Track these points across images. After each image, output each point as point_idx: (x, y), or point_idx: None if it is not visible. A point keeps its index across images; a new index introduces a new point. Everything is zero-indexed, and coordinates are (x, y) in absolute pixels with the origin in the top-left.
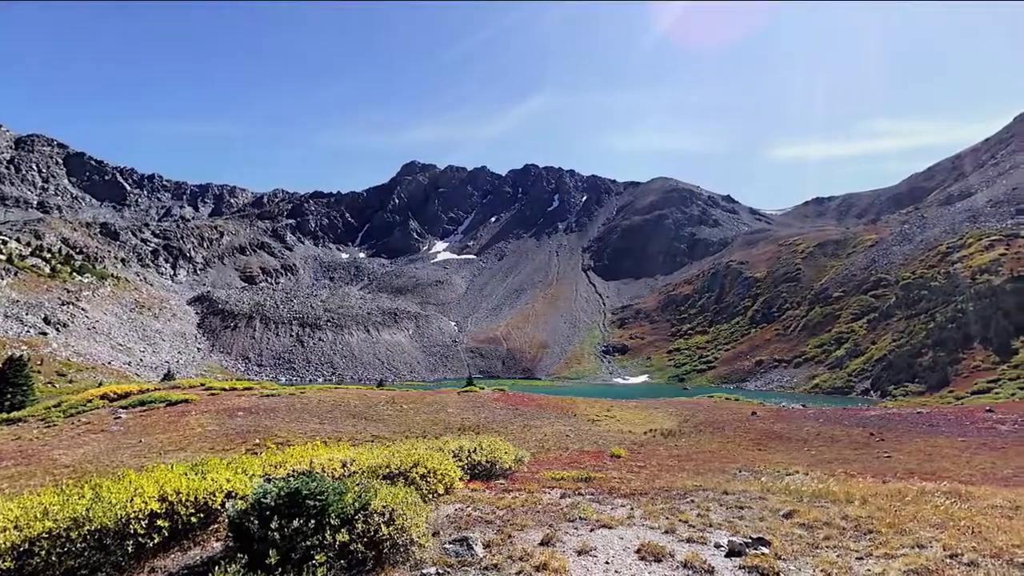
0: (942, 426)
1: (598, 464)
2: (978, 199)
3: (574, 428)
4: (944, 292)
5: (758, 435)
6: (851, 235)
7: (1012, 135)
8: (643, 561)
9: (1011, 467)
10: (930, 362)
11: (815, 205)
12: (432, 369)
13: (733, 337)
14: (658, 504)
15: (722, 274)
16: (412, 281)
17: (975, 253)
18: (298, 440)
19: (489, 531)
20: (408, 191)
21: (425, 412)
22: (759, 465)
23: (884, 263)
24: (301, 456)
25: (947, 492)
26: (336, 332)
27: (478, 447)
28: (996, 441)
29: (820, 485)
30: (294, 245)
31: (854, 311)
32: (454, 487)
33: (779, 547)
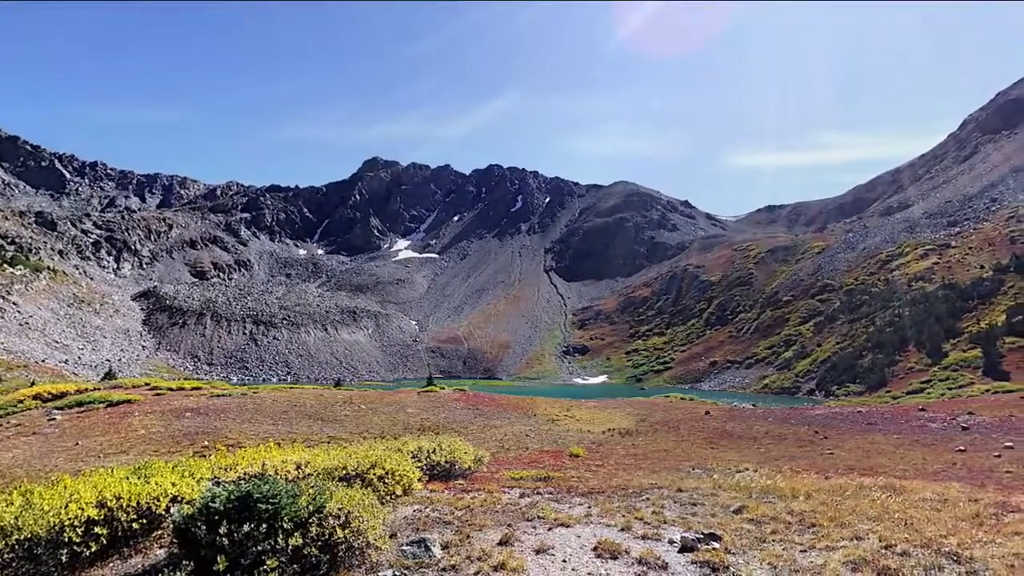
0: (879, 424)
1: (557, 463)
2: (915, 211)
3: (534, 428)
4: (883, 298)
5: (711, 434)
6: (800, 242)
7: (945, 152)
8: (600, 559)
9: (940, 462)
10: (870, 364)
11: (767, 212)
12: (392, 369)
13: (689, 339)
14: (615, 502)
15: (679, 277)
16: (372, 279)
17: (911, 261)
18: (250, 442)
19: (447, 532)
20: (370, 187)
21: (384, 412)
22: (712, 463)
23: (830, 269)
24: (253, 458)
25: (883, 487)
26: (292, 330)
27: (437, 447)
28: (927, 438)
29: (768, 481)
30: (249, 240)
31: (802, 314)
32: (413, 488)
33: (729, 542)
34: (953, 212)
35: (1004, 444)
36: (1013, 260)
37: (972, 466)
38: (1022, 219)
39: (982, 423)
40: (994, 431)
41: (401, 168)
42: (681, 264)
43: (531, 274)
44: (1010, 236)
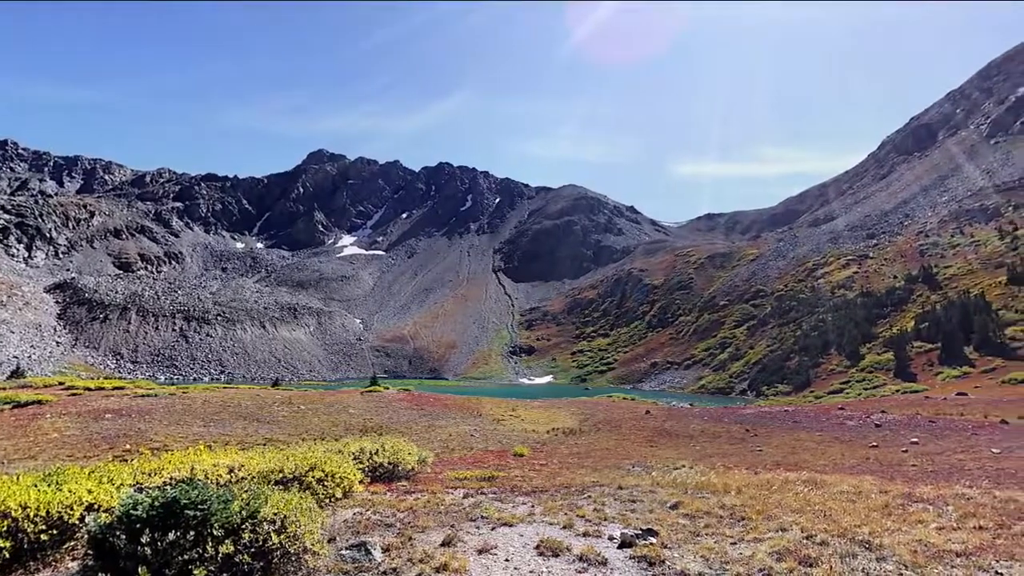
0: (804, 422)
1: (502, 463)
2: (839, 223)
3: (479, 428)
4: (809, 304)
5: (651, 432)
6: (736, 249)
7: (866, 170)
8: (542, 557)
9: (856, 457)
10: (796, 365)
11: (707, 220)
12: (334, 368)
13: (632, 340)
14: (558, 500)
15: (624, 280)
16: (315, 275)
17: (834, 270)
18: (178, 445)
19: (389, 534)
20: (314, 180)
21: (325, 413)
22: (651, 460)
23: (762, 276)
24: (181, 462)
25: (806, 481)
26: (227, 327)
27: (380, 448)
28: (845, 435)
29: (703, 478)
30: (181, 231)
31: (737, 318)
32: (353, 490)
33: (665, 537)
34: (871, 226)
35: (911, 440)
36: (921, 271)
37: (883, 460)
38: (930, 234)
39: (892, 421)
40: (902, 428)
41: (348, 162)
42: (626, 268)
43: (479, 274)
44: (919, 249)
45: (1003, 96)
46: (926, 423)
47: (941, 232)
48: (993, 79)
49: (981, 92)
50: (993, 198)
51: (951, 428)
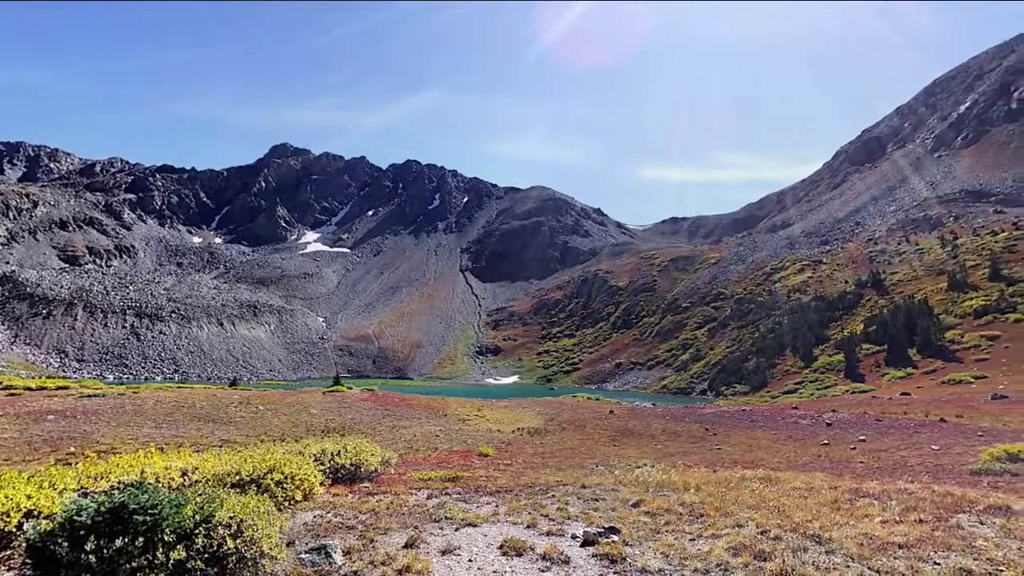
0: (760, 421)
1: (466, 463)
2: (795, 229)
3: (444, 428)
4: (767, 306)
5: (614, 432)
6: (699, 253)
7: (821, 178)
8: (505, 556)
9: (808, 455)
10: (754, 366)
11: (671, 224)
12: (295, 368)
13: (597, 341)
14: (522, 500)
15: (590, 282)
16: (277, 272)
17: (790, 275)
18: (127, 447)
19: (350, 537)
20: (277, 175)
21: (285, 413)
22: (614, 459)
23: (723, 279)
24: (130, 465)
25: (761, 478)
26: (182, 325)
27: (342, 450)
28: (799, 433)
29: (664, 476)
30: (133, 224)
31: (698, 320)
32: (314, 493)
33: (627, 534)
34: (825, 232)
35: (859, 438)
36: (871, 277)
37: (833, 458)
38: (879, 242)
39: (842, 420)
40: (851, 427)
41: (313, 157)
42: (592, 269)
43: (446, 273)
44: (869, 256)
45: (946, 113)
46: (873, 422)
47: (889, 240)
48: (937, 96)
49: (926, 108)
50: (936, 209)
51: (895, 426)
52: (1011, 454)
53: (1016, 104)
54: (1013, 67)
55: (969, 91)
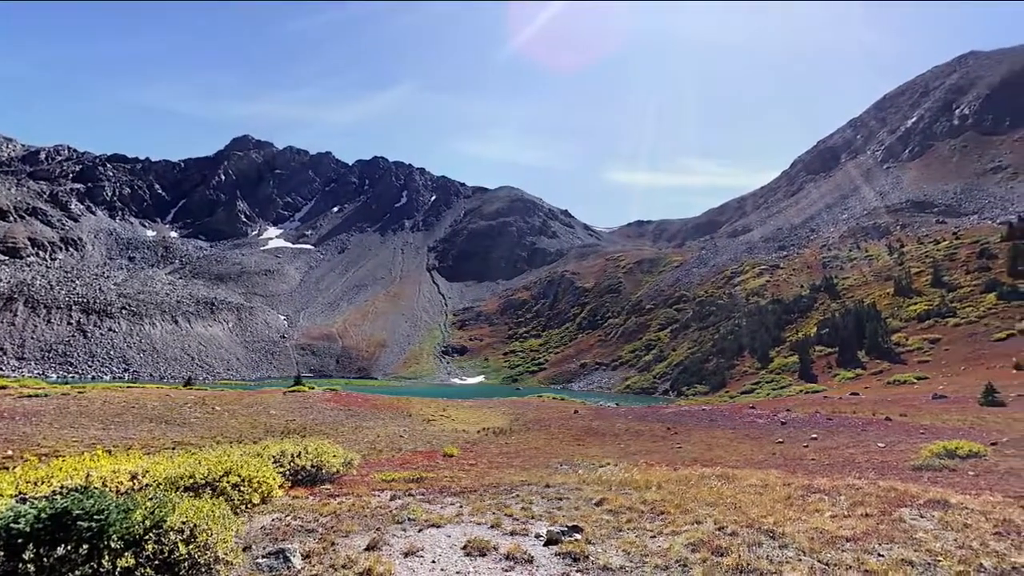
0: (719, 421)
1: (431, 464)
2: (754, 235)
3: (408, 428)
4: (727, 309)
5: (579, 431)
6: (662, 256)
7: (779, 186)
8: (469, 557)
9: (764, 453)
10: (714, 367)
11: (636, 227)
12: (255, 367)
13: (563, 341)
14: (486, 500)
15: (557, 283)
16: (236, 268)
17: (749, 278)
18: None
19: (310, 540)
20: (238, 168)
21: (243, 414)
22: (578, 459)
23: (686, 282)
24: (74, 469)
25: (719, 476)
26: (133, 322)
27: (303, 451)
28: (755, 432)
29: (626, 474)
30: (81, 215)
31: (661, 322)
32: (273, 495)
33: (590, 532)
34: (782, 238)
35: (811, 436)
36: (824, 282)
37: (787, 455)
38: (832, 248)
39: (796, 419)
40: (804, 425)
41: (276, 150)
42: (559, 270)
43: (413, 272)
44: (822, 261)
45: (895, 126)
46: (824, 420)
47: (841, 246)
48: (887, 110)
49: (877, 121)
50: (884, 218)
51: (845, 425)
52: (949, 451)
53: (957, 120)
54: (955, 86)
55: (916, 107)
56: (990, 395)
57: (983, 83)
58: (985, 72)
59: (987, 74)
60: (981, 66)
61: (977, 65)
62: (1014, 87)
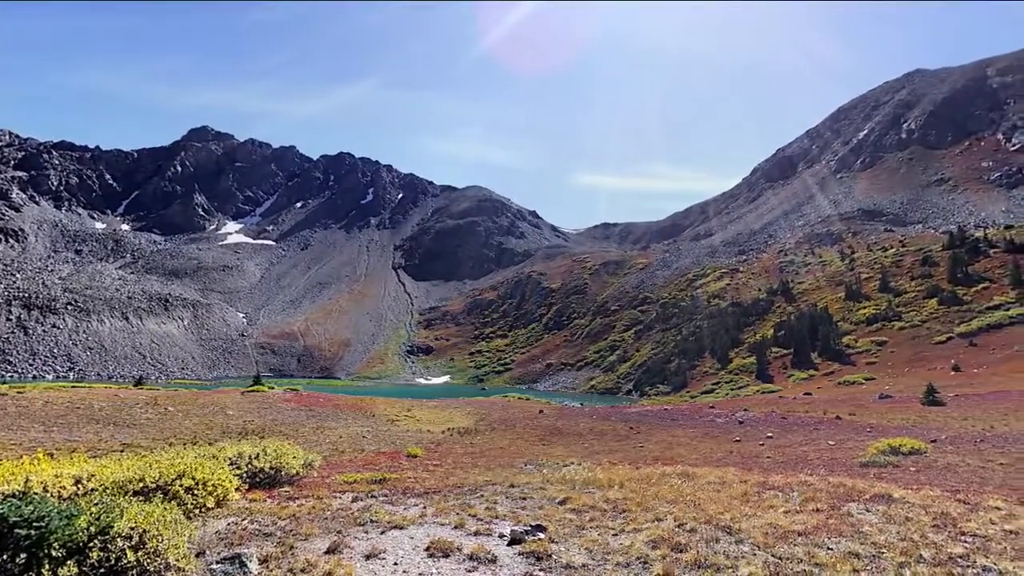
0: (680, 420)
1: (394, 464)
2: (716, 239)
3: (372, 429)
4: (689, 311)
5: (543, 431)
6: (628, 258)
7: (740, 192)
8: (432, 558)
9: (722, 451)
10: (676, 367)
11: (603, 229)
12: (211, 366)
13: (529, 341)
14: (450, 501)
15: (524, 283)
16: (193, 263)
17: (711, 281)
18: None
19: (268, 544)
20: (196, 159)
21: (198, 415)
22: (543, 458)
23: (650, 284)
24: (12, 473)
25: (680, 474)
26: (80, 318)
27: (261, 452)
28: (714, 431)
29: (589, 474)
30: (23, 204)
31: (626, 323)
32: (229, 499)
33: (553, 531)
34: (742, 243)
35: (767, 435)
36: (780, 285)
37: (744, 453)
38: (788, 253)
39: (753, 418)
40: (760, 424)
41: (236, 142)
42: (526, 271)
43: (378, 270)
44: (779, 266)
45: (848, 138)
46: (779, 419)
47: (797, 252)
48: (841, 122)
49: (832, 132)
50: (837, 225)
51: (798, 424)
52: (893, 448)
53: (905, 134)
54: (903, 101)
55: (867, 120)
56: (931, 395)
57: (928, 100)
58: (930, 89)
59: (932, 91)
60: (927, 83)
61: (923, 82)
62: (955, 105)
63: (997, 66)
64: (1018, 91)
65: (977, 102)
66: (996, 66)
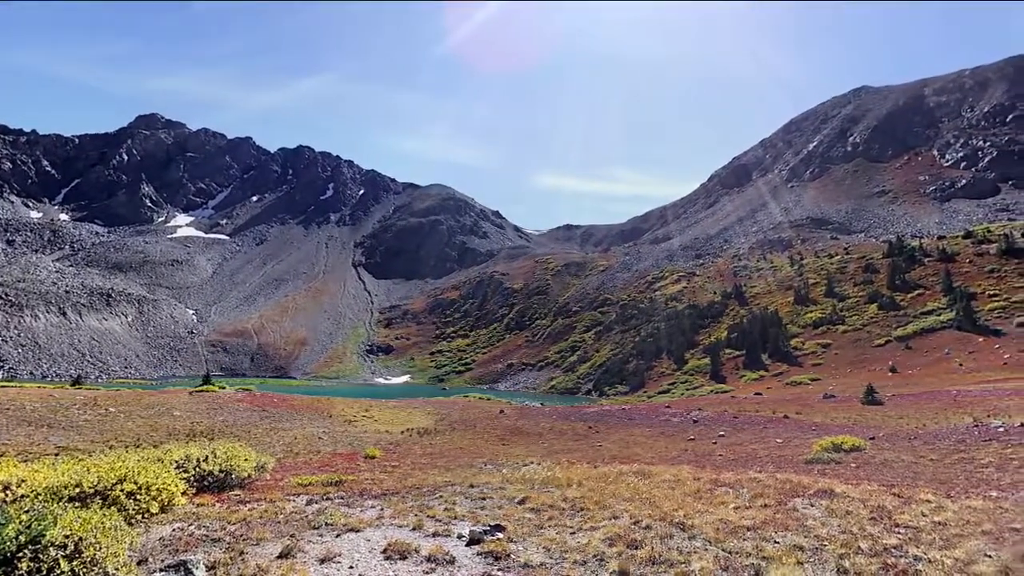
0: (638, 419)
1: (351, 466)
2: (674, 243)
3: (328, 430)
4: (647, 313)
5: (504, 431)
6: (589, 260)
7: (697, 198)
8: (389, 560)
9: (677, 449)
10: (634, 368)
11: (565, 231)
12: (157, 365)
13: (490, 342)
14: (408, 502)
15: (486, 283)
16: (139, 257)
17: (669, 284)
18: None
19: (216, 550)
20: (144, 148)
21: (142, 416)
22: (502, 458)
23: (610, 286)
24: None
25: (636, 472)
26: (11, 313)
27: (211, 455)
28: (670, 430)
29: (549, 473)
30: None
31: (586, 324)
32: (174, 503)
33: (512, 531)
34: (699, 247)
35: (719, 433)
36: (734, 289)
37: (698, 451)
38: (742, 258)
39: (706, 417)
40: (714, 423)
41: (189, 132)
42: (488, 271)
43: (338, 267)
44: (733, 270)
45: (799, 149)
46: (731, 418)
47: (750, 257)
48: (793, 133)
49: (784, 143)
50: (788, 232)
51: (749, 422)
52: (835, 445)
53: (850, 147)
54: (849, 115)
55: (816, 132)
56: (870, 395)
57: (872, 115)
58: (874, 105)
59: (875, 107)
60: (871, 99)
61: (868, 98)
62: (896, 121)
63: (933, 86)
64: (951, 111)
65: (915, 119)
66: (932, 86)
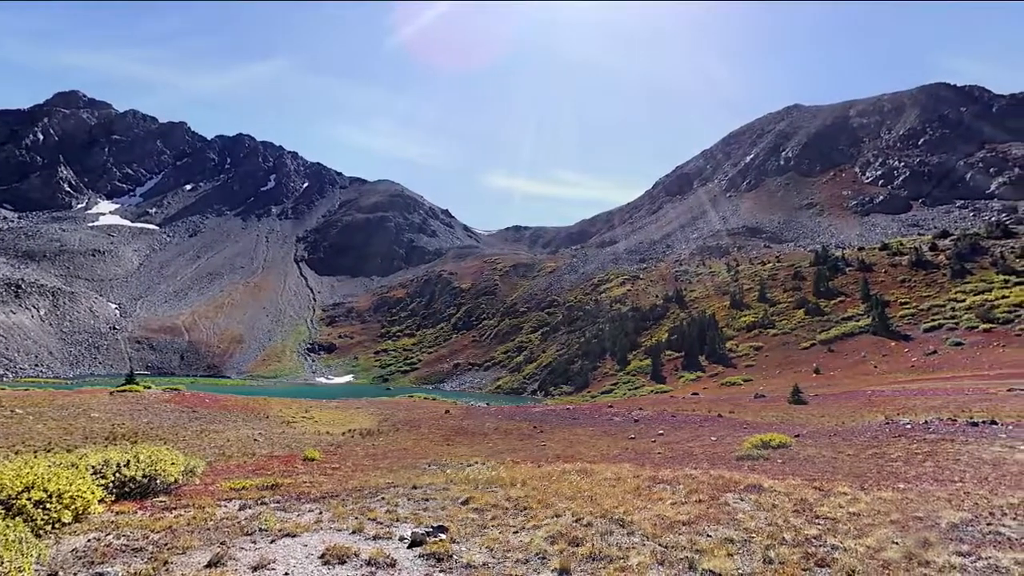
0: (581, 419)
1: (288, 469)
2: (620, 247)
3: (265, 431)
4: (593, 315)
5: (448, 431)
6: (537, 261)
7: (642, 204)
8: (327, 565)
9: (618, 448)
10: (579, 368)
11: (514, 232)
12: (74, 363)
13: (437, 341)
14: (349, 505)
15: (434, 282)
16: (54, 245)
17: (613, 287)
18: None
19: (137, 560)
20: (62, 127)
21: (54, 418)
22: (447, 458)
23: (557, 287)
24: None
25: (579, 470)
26: None
27: (132, 459)
28: (612, 429)
29: (493, 472)
30: None
31: (533, 324)
32: (90, 512)
33: (455, 532)
34: (643, 252)
35: (658, 432)
36: (675, 293)
37: (638, 450)
38: (683, 263)
39: (646, 416)
40: (653, 422)
41: (115, 113)
42: (436, 270)
43: (278, 263)
44: (675, 275)
45: (737, 160)
46: (670, 417)
47: (690, 262)
48: (732, 145)
49: (723, 154)
50: (725, 239)
51: (686, 421)
52: (764, 442)
53: (783, 161)
54: (783, 131)
55: (753, 145)
56: (796, 395)
57: (803, 132)
58: (805, 123)
59: (806, 125)
60: (803, 117)
61: (800, 116)
62: (824, 138)
63: (857, 108)
64: (872, 132)
65: (841, 138)
66: (857, 108)
